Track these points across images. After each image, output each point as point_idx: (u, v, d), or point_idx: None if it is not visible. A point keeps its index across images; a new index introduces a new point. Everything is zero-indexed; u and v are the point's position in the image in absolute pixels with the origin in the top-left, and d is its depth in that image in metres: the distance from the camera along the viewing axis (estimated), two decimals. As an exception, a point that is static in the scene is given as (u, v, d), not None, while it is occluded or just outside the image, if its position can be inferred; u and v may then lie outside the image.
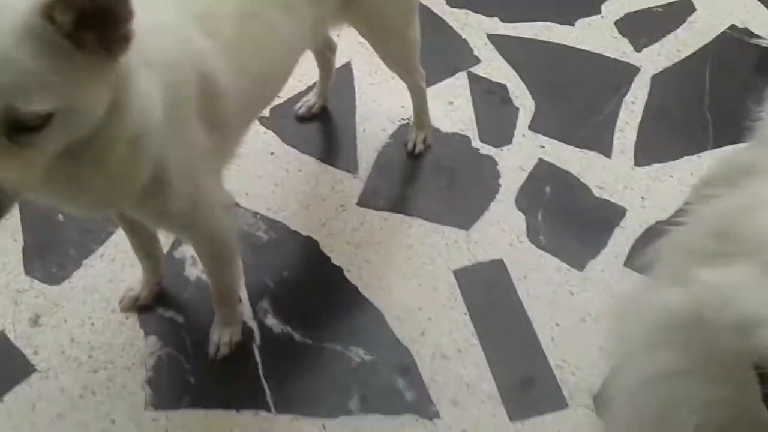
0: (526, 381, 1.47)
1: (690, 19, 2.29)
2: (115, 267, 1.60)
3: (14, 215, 1.65)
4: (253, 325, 1.52)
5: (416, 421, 1.40)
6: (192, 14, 1.06)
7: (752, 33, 2.24)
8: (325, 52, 1.83)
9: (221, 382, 1.44)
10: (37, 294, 1.54)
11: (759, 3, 2.36)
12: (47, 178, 0.86)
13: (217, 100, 1.09)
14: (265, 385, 1.44)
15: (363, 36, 1.57)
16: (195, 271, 1.60)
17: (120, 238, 1.59)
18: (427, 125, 1.86)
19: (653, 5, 2.32)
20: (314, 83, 1.93)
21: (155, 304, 1.55)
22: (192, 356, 1.47)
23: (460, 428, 1.39)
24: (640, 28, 2.24)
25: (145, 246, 1.46)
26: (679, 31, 2.25)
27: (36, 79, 0.77)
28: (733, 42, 2.23)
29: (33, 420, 1.37)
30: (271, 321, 1.53)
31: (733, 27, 2.26)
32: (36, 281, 1.57)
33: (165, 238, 1.53)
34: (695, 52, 2.18)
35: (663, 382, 0.67)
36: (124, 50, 0.82)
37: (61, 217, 1.67)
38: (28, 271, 1.59)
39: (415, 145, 1.85)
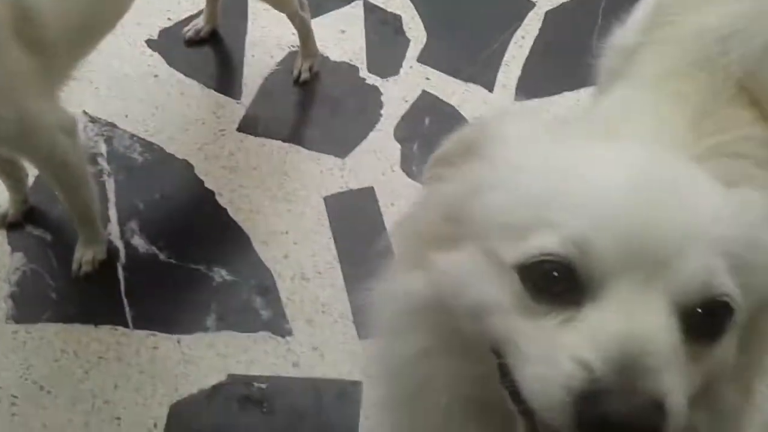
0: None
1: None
2: (-13, 185, 1.61)
3: None
4: (119, 244, 1.55)
5: (269, 338, 1.46)
6: None
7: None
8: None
9: (83, 299, 1.48)
10: None
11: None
12: None
13: (33, 23, 1.08)
14: (126, 302, 1.48)
15: None
16: (67, 190, 1.61)
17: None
18: (313, 53, 1.86)
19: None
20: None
21: (24, 221, 1.56)
22: (56, 273, 1.51)
23: (310, 345, 1.46)
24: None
25: (4, 167, 1.46)
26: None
27: None
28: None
29: None
30: (137, 241, 1.56)
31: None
32: None
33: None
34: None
35: (415, 363, 0.67)
36: None
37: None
38: None
39: (300, 73, 1.85)
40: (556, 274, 0.54)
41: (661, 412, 0.49)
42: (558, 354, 0.52)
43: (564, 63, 2.00)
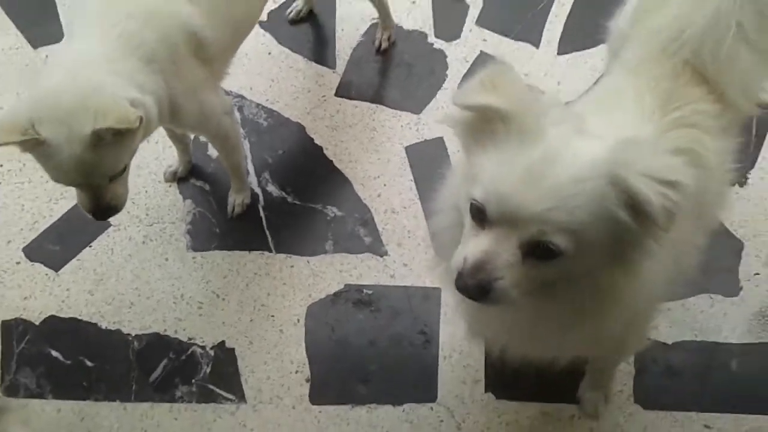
0: (450, 228, 1.94)
1: None
2: (158, 148, 2.07)
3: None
4: (258, 191, 2.00)
5: (371, 257, 1.90)
6: None
7: None
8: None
9: (238, 232, 1.95)
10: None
11: None
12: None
13: (204, 46, 1.51)
14: (268, 233, 1.94)
15: None
16: (215, 151, 2.05)
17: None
18: (390, 25, 2.20)
19: None
20: (301, -9, 2.25)
21: (189, 176, 2.03)
22: (217, 214, 1.97)
23: (401, 262, 1.89)
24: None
25: (176, 137, 1.92)
26: None
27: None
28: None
29: (112, 259, 1.91)
30: (270, 188, 2.01)
31: None
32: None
33: (190, 130, 1.98)
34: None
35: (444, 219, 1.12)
36: None
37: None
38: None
39: (380, 43, 2.20)
40: (477, 209, 0.96)
41: (485, 289, 0.95)
42: (462, 250, 0.98)
43: (600, 18, 2.25)
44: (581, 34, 2.22)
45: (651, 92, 1.21)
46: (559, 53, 2.19)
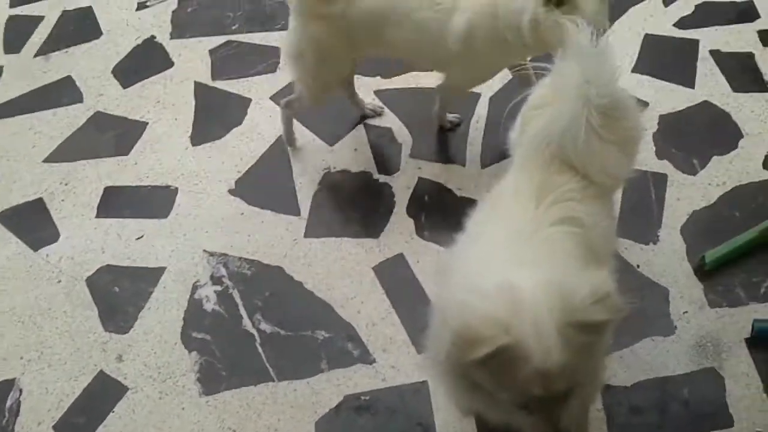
0: (425, 326, 2.16)
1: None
2: (159, 314, 2.28)
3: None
4: (253, 331, 2.21)
5: (362, 367, 2.10)
6: None
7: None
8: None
9: (241, 371, 2.13)
10: (116, 341, 2.23)
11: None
12: None
13: None
14: (268, 366, 2.12)
15: None
16: (210, 304, 2.28)
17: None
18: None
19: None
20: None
21: (190, 330, 2.23)
22: (221, 359, 2.17)
23: (389, 365, 2.09)
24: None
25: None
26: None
27: None
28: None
29: (135, 419, 2.06)
30: (264, 326, 2.22)
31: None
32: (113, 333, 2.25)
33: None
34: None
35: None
36: None
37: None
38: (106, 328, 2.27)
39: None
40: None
41: None
42: None
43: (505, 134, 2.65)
44: (497, 149, 2.59)
45: (528, 185, 1.56)
46: (482, 167, 2.55)
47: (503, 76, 2.79)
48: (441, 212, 2.45)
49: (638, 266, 2.18)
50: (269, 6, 3.23)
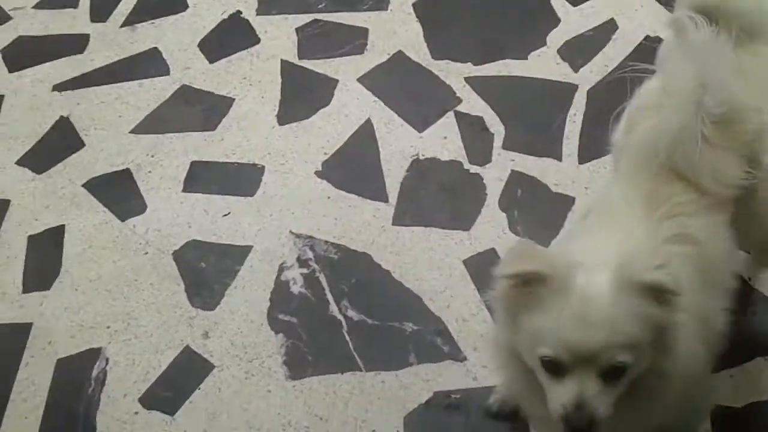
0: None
1: (613, 36, 2.81)
2: (246, 292, 2.25)
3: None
4: (340, 317, 2.17)
5: (452, 363, 2.04)
6: None
7: (662, 39, 2.75)
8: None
9: (328, 357, 2.09)
10: (203, 318, 2.21)
11: (667, 11, 2.85)
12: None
13: None
14: (355, 354, 2.08)
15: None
16: (296, 287, 2.24)
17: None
18: None
19: (584, 30, 2.84)
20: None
21: (276, 312, 2.20)
22: (307, 343, 2.13)
23: (480, 365, 2.03)
24: (577, 52, 2.77)
25: None
26: (606, 48, 2.77)
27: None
28: (649, 50, 2.74)
29: (221, 397, 2.04)
30: (350, 313, 2.17)
31: (647, 38, 2.78)
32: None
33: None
34: (619, 64, 2.71)
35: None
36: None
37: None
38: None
39: None
40: (550, 362, 1.18)
41: (594, 421, 1.15)
42: (556, 398, 1.19)
43: (609, 128, 2.53)
44: (597, 144, 2.47)
45: (638, 196, 1.46)
46: (580, 162, 2.44)
47: (601, 68, 2.67)
48: (535, 208, 2.36)
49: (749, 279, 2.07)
50: (356, -15, 3.15)
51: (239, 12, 3.10)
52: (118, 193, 2.53)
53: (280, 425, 1.96)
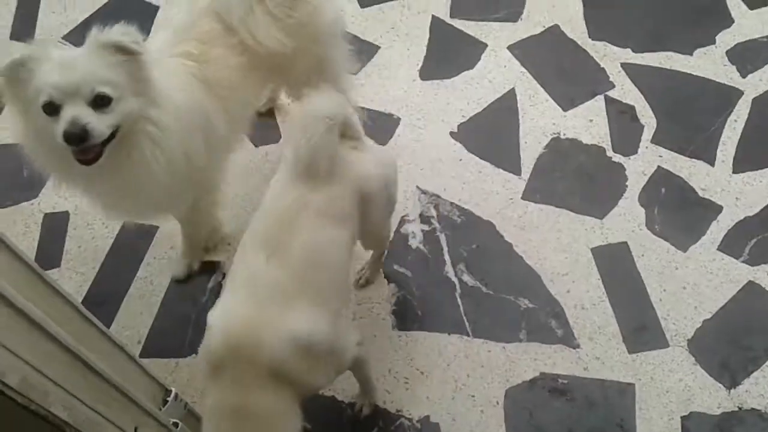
0: (640, 327, 2.00)
1: (792, 47, 2.60)
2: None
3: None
4: (455, 280, 2.14)
5: (564, 348, 1.98)
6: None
7: None
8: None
9: (437, 316, 2.07)
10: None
11: None
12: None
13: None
14: (465, 319, 2.06)
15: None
16: (415, 241, 2.23)
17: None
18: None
19: (760, 36, 2.64)
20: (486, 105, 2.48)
21: (392, 263, 2.19)
22: (417, 297, 2.11)
23: (593, 355, 1.95)
24: (747, 57, 2.59)
25: None
26: (782, 57, 2.58)
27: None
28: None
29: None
30: (466, 278, 2.14)
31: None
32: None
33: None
34: (795, 76, 2.51)
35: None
36: None
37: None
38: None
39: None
40: (48, 104, 1.47)
41: (87, 132, 1.46)
42: (57, 130, 1.49)
43: (771, 141, 2.36)
44: (756, 155, 2.32)
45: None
46: (734, 171, 2.29)
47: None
48: (677, 209, 2.23)
49: None
50: (520, -48, 3.05)
51: (397, -38, 3.07)
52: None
53: (380, 371, 1.96)
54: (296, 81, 2.03)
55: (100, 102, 1.48)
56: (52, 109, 1.47)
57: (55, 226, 2.35)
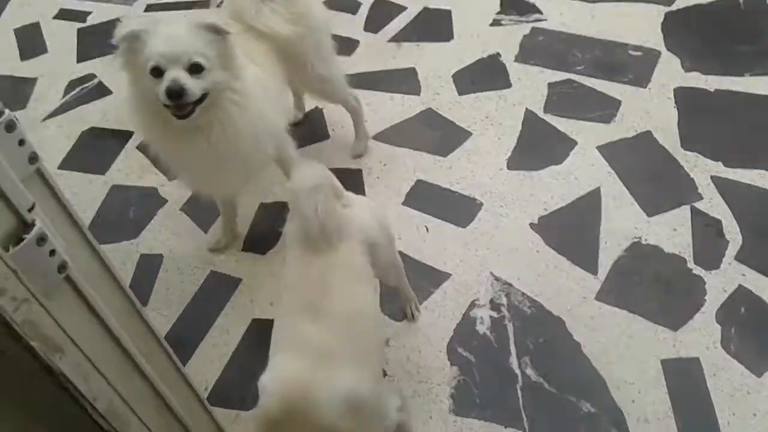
0: (706, 451, 1.94)
1: None
2: (428, 314, 2.32)
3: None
4: (518, 372, 2.16)
5: (625, 461, 1.94)
6: None
7: None
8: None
9: (496, 406, 2.09)
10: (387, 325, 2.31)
11: None
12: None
13: None
14: (523, 413, 2.06)
15: None
16: (481, 327, 2.27)
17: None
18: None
19: None
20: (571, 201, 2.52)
21: (458, 346, 2.24)
22: (479, 384, 2.14)
23: (653, 471, 1.91)
24: None
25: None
26: None
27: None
28: None
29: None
30: (529, 371, 2.16)
31: None
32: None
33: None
34: None
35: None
36: None
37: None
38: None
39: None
40: (155, 68, 1.85)
41: (184, 89, 1.82)
42: (161, 87, 1.86)
43: None
44: None
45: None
46: (821, 301, 2.21)
47: None
48: (756, 331, 2.17)
49: None
50: (620, 56, 3.14)
51: (498, 54, 3.23)
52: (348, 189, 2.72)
53: (433, 453, 1.99)
54: (303, 66, 2.41)
55: (195, 69, 1.84)
56: (157, 72, 1.83)
57: (148, 267, 2.55)
